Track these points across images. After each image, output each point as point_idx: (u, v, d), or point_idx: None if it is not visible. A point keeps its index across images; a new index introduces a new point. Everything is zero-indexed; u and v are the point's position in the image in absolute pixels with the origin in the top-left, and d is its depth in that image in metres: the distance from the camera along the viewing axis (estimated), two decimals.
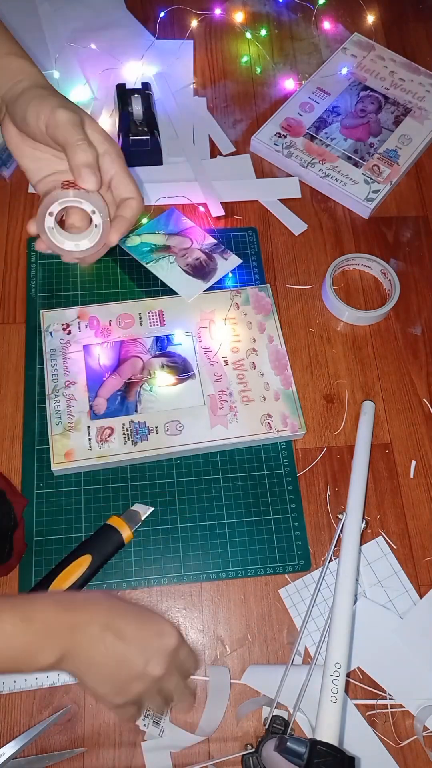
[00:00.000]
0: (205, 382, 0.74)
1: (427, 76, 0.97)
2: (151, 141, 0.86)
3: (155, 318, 0.78)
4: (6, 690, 0.62)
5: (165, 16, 1.00)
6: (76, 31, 0.97)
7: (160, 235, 0.84)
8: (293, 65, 1.00)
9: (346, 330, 0.82)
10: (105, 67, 0.94)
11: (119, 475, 0.72)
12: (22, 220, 0.85)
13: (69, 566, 0.64)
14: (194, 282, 0.81)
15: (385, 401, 0.78)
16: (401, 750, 0.62)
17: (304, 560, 0.69)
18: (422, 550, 0.71)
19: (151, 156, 0.88)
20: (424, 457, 0.75)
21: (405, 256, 0.87)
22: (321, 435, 0.75)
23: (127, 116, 0.86)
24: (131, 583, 0.67)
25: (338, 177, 0.88)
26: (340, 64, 0.97)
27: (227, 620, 0.67)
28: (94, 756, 0.61)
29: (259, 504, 0.71)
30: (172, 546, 0.69)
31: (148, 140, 0.85)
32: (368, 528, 0.71)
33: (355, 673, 0.65)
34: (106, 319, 0.77)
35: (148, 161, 0.88)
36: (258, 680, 0.64)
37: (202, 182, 0.88)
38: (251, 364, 0.76)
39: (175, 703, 0.57)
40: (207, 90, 0.97)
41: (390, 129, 0.92)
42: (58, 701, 0.63)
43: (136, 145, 0.86)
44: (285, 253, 0.86)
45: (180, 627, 0.66)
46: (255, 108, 0.96)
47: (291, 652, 0.64)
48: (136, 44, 0.97)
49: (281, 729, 0.60)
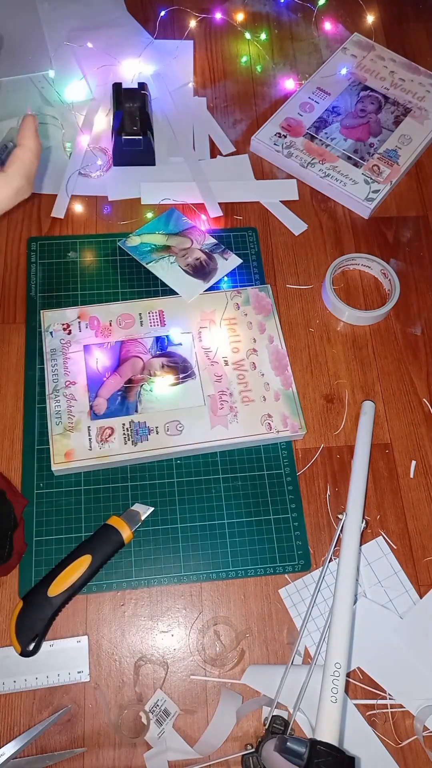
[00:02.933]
0: (205, 382, 0.74)
1: (427, 76, 0.97)
2: (143, 141, 0.86)
3: (155, 318, 0.78)
4: (6, 690, 0.63)
5: (165, 16, 1.00)
6: (75, 30, 0.98)
7: (161, 235, 0.84)
8: (293, 65, 1.00)
9: (346, 330, 0.82)
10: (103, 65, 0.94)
11: (119, 475, 0.72)
12: (22, 220, 0.85)
13: (69, 566, 0.64)
14: (194, 282, 0.81)
15: (385, 401, 0.78)
16: (401, 750, 0.62)
17: (304, 560, 0.69)
18: (422, 550, 0.71)
19: (144, 156, 0.88)
20: (424, 457, 0.75)
21: (405, 256, 0.87)
22: (321, 435, 0.75)
23: (121, 115, 0.86)
24: (131, 583, 0.67)
25: (338, 177, 0.88)
26: (340, 64, 0.97)
27: (227, 620, 0.67)
28: (94, 756, 0.61)
29: (259, 504, 0.71)
30: (172, 546, 0.69)
31: (141, 140, 0.85)
32: (368, 528, 0.71)
33: (355, 673, 0.65)
34: (106, 319, 0.77)
35: (141, 161, 0.88)
36: (258, 680, 0.64)
37: (199, 183, 0.88)
38: (251, 364, 0.76)
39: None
40: (207, 90, 0.97)
41: (390, 129, 0.92)
42: (58, 701, 0.63)
43: (129, 144, 0.86)
44: (285, 253, 0.86)
45: (180, 627, 0.66)
46: (255, 108, 0.96)
47: (291, 652, 0.64)
48: (135, 44, 0.97)
49: (281, 729, 0.60)
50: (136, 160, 0.88)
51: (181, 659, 0.65)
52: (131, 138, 0.85)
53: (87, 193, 0.87)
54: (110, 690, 0.64)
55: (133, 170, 0.89)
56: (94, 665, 0.65)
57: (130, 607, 0.67)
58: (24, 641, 0.61)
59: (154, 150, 0.88)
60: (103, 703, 0.63)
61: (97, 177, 0.88)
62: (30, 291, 0.80)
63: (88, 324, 0.77)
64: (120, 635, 0.66)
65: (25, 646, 0.61)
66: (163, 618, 0.67)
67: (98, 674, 0.64)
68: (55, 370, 0.74)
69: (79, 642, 0.65)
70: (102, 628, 0.66)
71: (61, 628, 0.66)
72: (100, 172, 0.88)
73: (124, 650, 0.65)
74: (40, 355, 0.76)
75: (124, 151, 0.86)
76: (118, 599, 0.67)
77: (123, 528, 0.66)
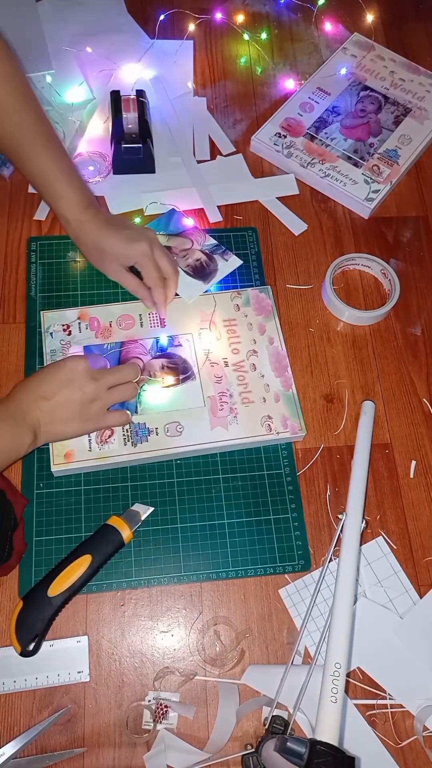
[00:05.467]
0: (205, 383, 0.74)
1: (427, 76, 0.97)
2: (143, 149, 0.86)
3: (156, 319, 0.78)
4: (6, 690, 0.63)
5: (165, 19, 1.00)
6: (77, 34, 0.98)
7: (161, 236, 0.84)
8: (293, 65, 1.00)
9: (346, 330, 0.82)
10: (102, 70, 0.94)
11: (119, 475, 0.72)
12: (22, 220, 0.85)
13: (69, 566, 0.64)
14: (195, 283, 0.81)
15: (385, 401, 0.78)
16: (401, 750, 0.63)
17: (304, 560, 0.69)
18: (422, 550, 0.71)
19: (144, 164, 0.88)
20: (424, 457, 0.75)
21: (405, 256, 0.87)
22: (321, 435, 0.75)
23: (120, 124, 0.86)
24: (131, 583, 0.67)
25: (338, 177, 0.88)
26: (340, 64, 0.97)
27: (227, 620, 0.67)
28: (94, 756, 0.62)
29: (259, 504, 0.71)
30: (172, 546, 0.69)
31: (141, 148, 0.85)
32: (368, 528, 0.71)
33: (355, 673, 0.65)
34: (106, 320, 0.77)
35: (141, 169, 0.88)
36: (258, 680, 0.64)
37: (199, 188, 0.88)
38: (251, 365, 0.76)
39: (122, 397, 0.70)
40: (207, 90, 0.97)
41: (390, 129, 0.92)
42: (58, 701, 0.63)
43: (128, 153, 0.86)
44: (285, 253, 0.86)
45: (180, 627, 0.66)
46: (255, 108, 0.96)
47: (291, 652, 0.64)
48: (136, 48, 0.97)
49: (281, 729, 0.60)
50: (136, 167, 0.88)
51: (181, 659, 0.65)
52: (131, 146, 0.85)
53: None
54: (110, 690, 0.64)
55: (131, 179, 0.88)
56: (94, 665, 0.65)
57: (130, 607, 0.67)
58: (24, 641, 0.61)
59: (154, 157, 0.88)
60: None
61: (96, 183, 0.88)
62: (30, 291, 0.80)
63: (88, 325, 0.77)
64: (120, 635, 0.66)
65: (25, 646, 0.61)
66: (163, 618, 0.67)
67: (98, 674, 0.64)
68: None
69: (79, 642, 0.65)
70: (102, 628, 0.66)
71: (61, 628, 0.66)
72: (99, 178, 0.88)
73: (124, 650, 0.65)
74: (40, 356, 0.76)
75: (124, 159, 0.86)
76: (118, 599, 0.67)
77: (123, 528, 0.66)
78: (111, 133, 0.88)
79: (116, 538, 0.66)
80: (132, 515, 0.68)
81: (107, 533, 0.66)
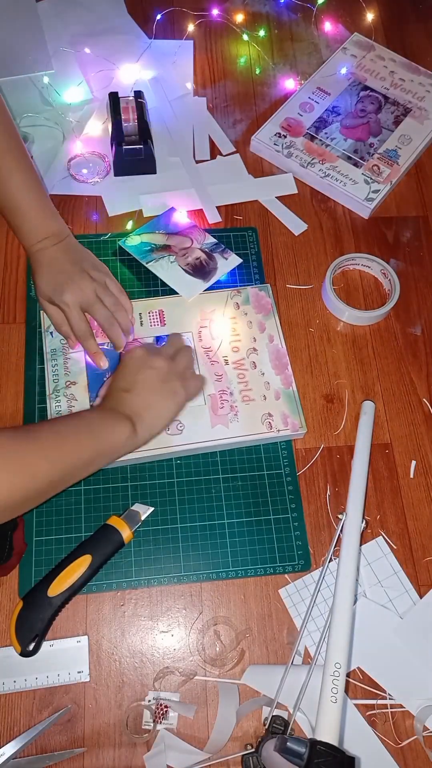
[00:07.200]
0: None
1: (427, 76, 0.97)
2: (144, 150, 0.86)
3: (155, 318, 0.78)
4: (6, 690, 0.63)
5: (162, 19, 1.00)
6: (77, 34, 0.98)
7: (160, 235, 0.84)
8: (293, 65, 1.00)
9: (346, 330, 0.82)
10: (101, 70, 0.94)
11: (119, 475, 0.72)
12: None
13: (69, 566, 0.64)
14: (194, 282, 0.81)
15: (385, 401, 0.78)
16: (401, 750, 0.62)
17: (304, 560, 0.69)
18: (422, 550, 0.71)
19: (145, 165, 0.88)
20: (424, 457, 0.75)
21: (405, 256, 0.87)
22: (321, 435, 0.75)
23: (119, 125, 0.86)
24: (131, 583, 0.67)
25: (338, 177, 0.88)
26: (340, 64, 0.97)
27: (227, 620, 0.67)
28: (94, 756, 0.61)
29: (259, 504, 0.71)
30: (172, 546, 0.69)
31: (141, 149, 0.85)
32: (368, 528, 0.71)
33: (355, 673, 0.65)
34: None
35: (142, 170, 0.88)
36: (258, 680, 0.64)
37: (198, 189, 0.88)
38: (252, 363, 0.76)
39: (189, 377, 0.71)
40: (207, 90, 0.97)
41: (390, 129, 0.92)
42: (58, 701, 0.63)
43: (129, 154, 0.86)
44: (285, 253, 0.86)
45: (180, 627, 0.66)
46: (255, 108, 0.96)
47: (291, 652, 0.64)
48: (136, 49, 0.97)
49: (281, 729, 0.60)
50: (137, 168, 0.88)
51: (181, 659, 0.65)
52: (131, 148, 0.85)
53: (87, 194, 0.87)
54: (110, 690, 0.64)
55: (128, 180, 0.89)
56: (94, 665, 0.65)
57: (130, 607, 0.67)
58: (24, 641, 0.61)
59: (155, 157, 0.88)
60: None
61: (94, 184, 0.88)
62: (30, 291, 0.80)
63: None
64: (120, 635, 0.66)
65: (25, 646, 0.61)
66: (163, 618, 0.67)
67: (98, 674, 0.64)
68: (55, 371, 0.74)
69: (79, 642, 0.65)
70: (102, 628, 0.66)
71: (61, 628, 0.66)
72: (97, 179, 0.88)
73: (124, 650, 0.65)
74: (40, 355, 0.76)
75: (125, 160, 0.86)
76: (118, 599, 0.67)
77: (123, 528, 0.66)
78: (111, 135, 0.88)
79: (116, 538, 0.66)
80: (132, 515, 0.68)
81: (107, 533, 0.66)
